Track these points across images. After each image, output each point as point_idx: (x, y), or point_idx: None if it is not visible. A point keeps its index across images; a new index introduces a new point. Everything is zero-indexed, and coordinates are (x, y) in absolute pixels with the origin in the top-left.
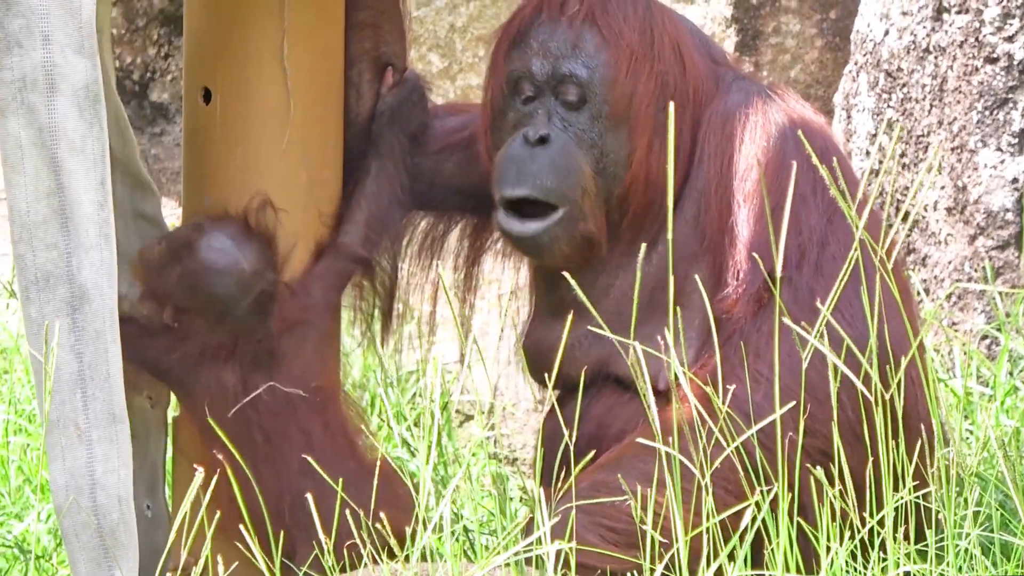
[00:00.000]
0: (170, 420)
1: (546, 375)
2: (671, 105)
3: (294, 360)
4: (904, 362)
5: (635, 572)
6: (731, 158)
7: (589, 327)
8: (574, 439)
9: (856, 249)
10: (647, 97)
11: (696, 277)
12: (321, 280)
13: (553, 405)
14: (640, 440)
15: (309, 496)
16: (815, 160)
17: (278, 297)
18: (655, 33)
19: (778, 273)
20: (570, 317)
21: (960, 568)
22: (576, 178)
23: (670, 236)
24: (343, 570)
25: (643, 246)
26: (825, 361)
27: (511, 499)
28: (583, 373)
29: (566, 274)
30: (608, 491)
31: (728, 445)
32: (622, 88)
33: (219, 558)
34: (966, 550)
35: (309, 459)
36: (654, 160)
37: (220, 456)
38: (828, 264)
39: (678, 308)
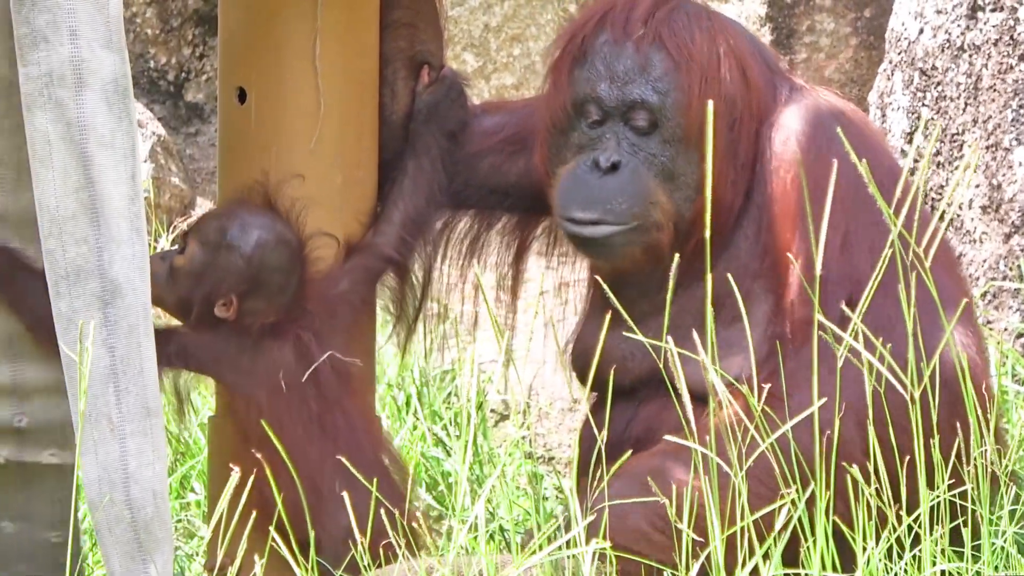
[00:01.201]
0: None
1: (591, 377)
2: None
3: (327, 346)
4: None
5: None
6: (789, 178)
7: (642, 337)
8: (620, 440)
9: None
10: (718, 119)
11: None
12: (350, 276)
13: (597, 407)
14: (670, 438)
15: (344, 493)
16: (873, 190)
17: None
18: (720, 50)
19: (813, 295)
20: (607, 321)
21: (996, 567)
22: (647, 202)
23: (708, 262)
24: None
25: (675, 258)
26: (880, 380)
27: (546, 498)
28: (629, 379)
29: (602, 290)
30: (657, 478)
31: (765, 446)
32: (695, 112)
33: (255, 558)
34: (1002, 548)
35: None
36: (725, 183)
37: (258, 455)
38: (891, 289)
39: (739, 322)
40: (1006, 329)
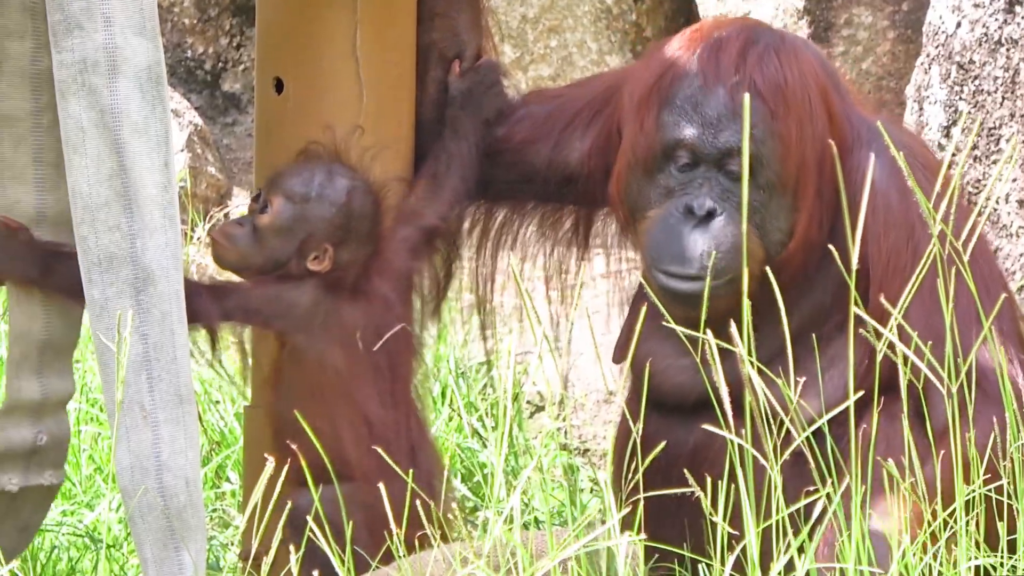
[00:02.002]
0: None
1: (623, 380)
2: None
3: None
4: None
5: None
6: (870, 224)
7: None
8: (673, 456)
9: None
10: (811, 162)
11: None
12: (405, 247)
13: (635, 413)
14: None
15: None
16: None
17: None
18: (811, 94)
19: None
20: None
21: None
22: (742, 252)
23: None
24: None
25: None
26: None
27: (582, 490)
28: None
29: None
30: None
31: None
32: (791, 159)
33: (290, 548)
34: None
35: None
36: (815, 225)
37: (293, 445)
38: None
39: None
40: None
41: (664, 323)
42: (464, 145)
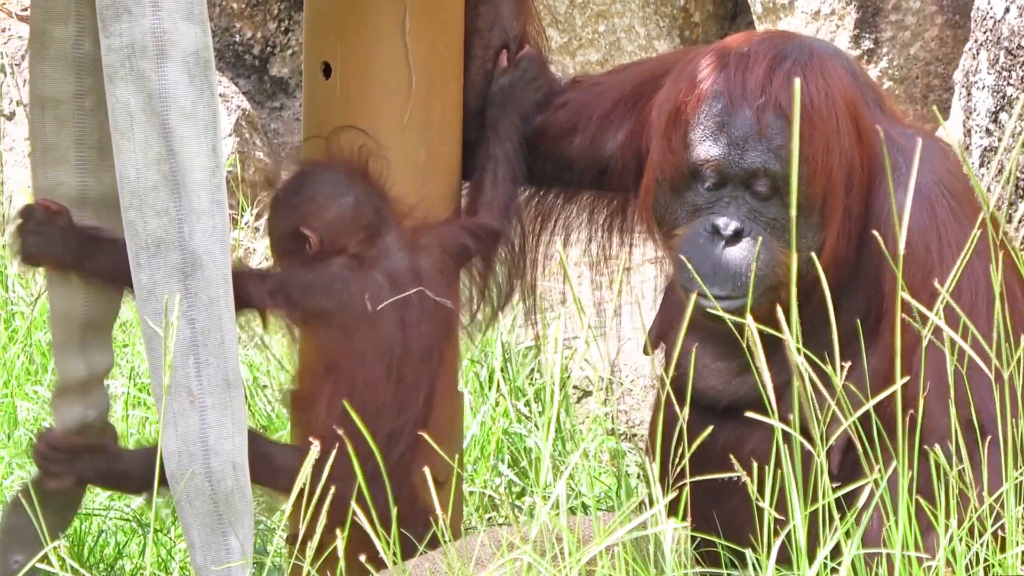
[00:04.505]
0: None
1: (665, 380)
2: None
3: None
4: None
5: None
6: (899, 246)
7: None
8: (705, 448)
9: None
10: (839, 181)
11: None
12: (440, 241)
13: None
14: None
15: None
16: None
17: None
18: (836, 110)
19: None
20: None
21: None
22: (771, 269)
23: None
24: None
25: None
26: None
27: (629, 475)
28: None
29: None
30: None
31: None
32: (818, 180)
33: (337, 532)
34: None
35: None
36: (843, 241)
37: (341, 431)
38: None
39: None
40: None
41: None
42: (509, 146)
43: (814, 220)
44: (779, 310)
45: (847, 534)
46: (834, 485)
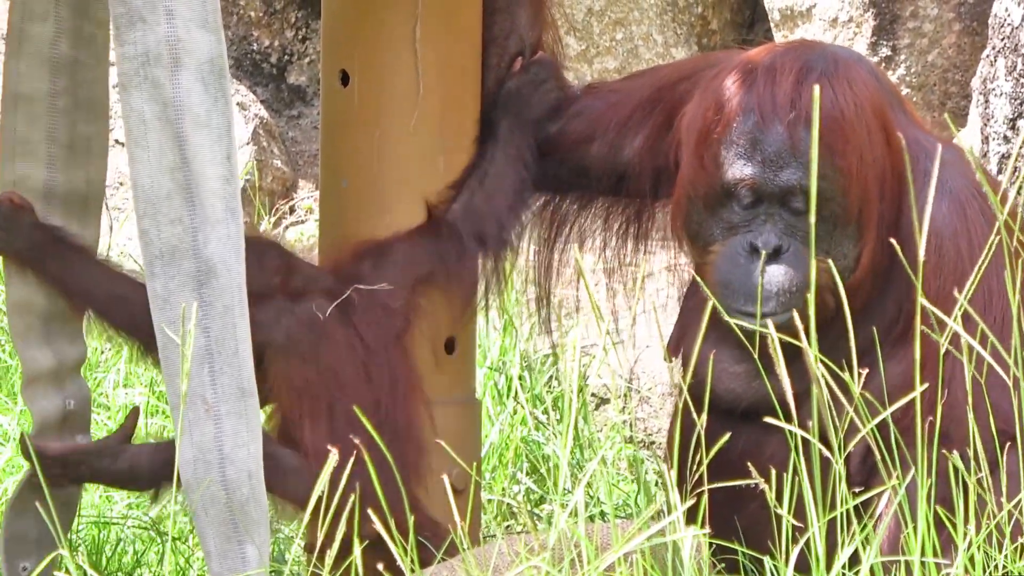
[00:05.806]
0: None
1: (678, 383)
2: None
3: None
4: None
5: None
6: (928, 253)
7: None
8: (723, 453)
9: None
10: (873, 190)
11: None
12: (409, 248)
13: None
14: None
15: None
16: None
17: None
18: (867, 118)
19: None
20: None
21: None
22: (810, 283)
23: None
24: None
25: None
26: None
27: (647, 483)
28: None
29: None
30: None
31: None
32: (853, 193)
33: (355, 541)
34: None
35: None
36: (879, 251)
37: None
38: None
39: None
40: None
41: (721, 323)
42: (512, 149)
43: (851, 230)
44: (796, 317)
45: (865, 541)
46: (855, 490)
